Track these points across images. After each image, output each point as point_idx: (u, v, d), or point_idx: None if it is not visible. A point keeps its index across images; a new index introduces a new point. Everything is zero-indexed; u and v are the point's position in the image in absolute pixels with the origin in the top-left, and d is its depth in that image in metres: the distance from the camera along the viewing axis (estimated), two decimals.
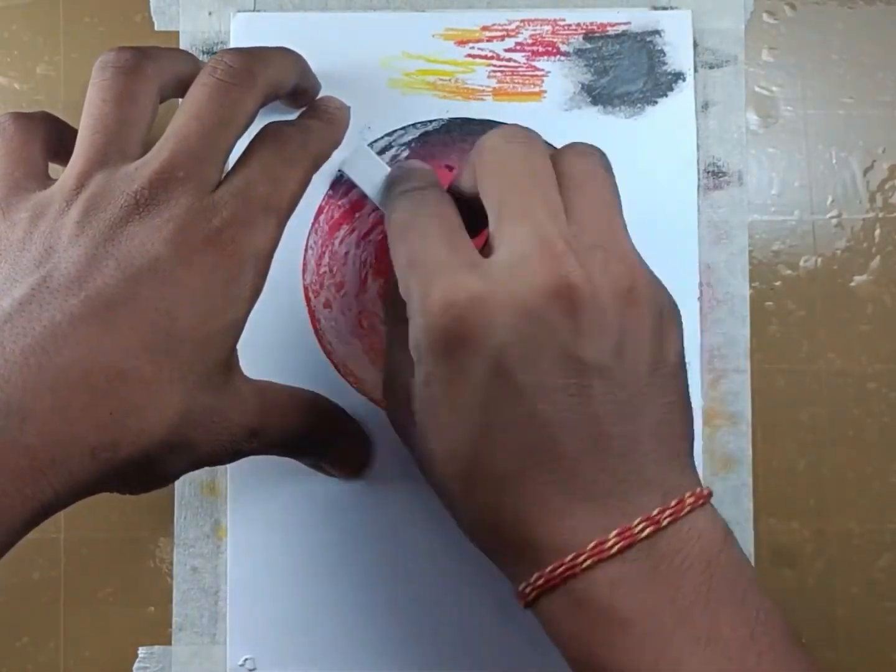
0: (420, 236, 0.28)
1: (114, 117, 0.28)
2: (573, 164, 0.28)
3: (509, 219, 0.27)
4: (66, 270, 0.25)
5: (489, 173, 0.28)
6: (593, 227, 0.27)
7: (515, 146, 0.28)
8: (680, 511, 0.25)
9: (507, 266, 0.26)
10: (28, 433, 0.23)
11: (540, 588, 0.26)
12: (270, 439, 0.29)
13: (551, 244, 0.26)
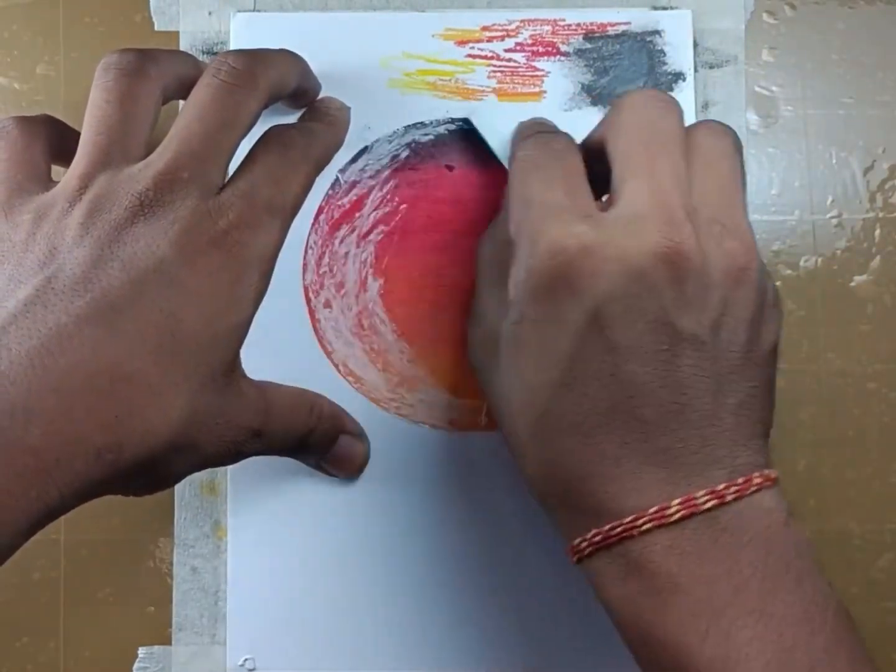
0: (541, 177, 0.28)
1: (117, 118, 0.28)
2: (706, 140, 0.28)
3: (633, 176, 0.27)
4: (71, 272, 0.25)
5: (621, 128, 0.28)
6: (716, 202, 0.27)
7: (653, 108, 0.28)
8: (746, 489, 0.25)
9: (623, 222, 0.26)
10: (33, 434, 0.23)
11: (596, 545, 0.26)
12: (273, 440, 0.29)
13: (670, 209, 0.26)
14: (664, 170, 0.27)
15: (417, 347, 0.35)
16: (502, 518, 0.34)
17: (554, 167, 0.28)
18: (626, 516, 0.25)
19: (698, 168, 0.27)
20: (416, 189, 0.35)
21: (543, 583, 0.34)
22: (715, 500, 0.25)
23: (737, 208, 0.27)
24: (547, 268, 0.26)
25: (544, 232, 0.26)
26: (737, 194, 0.28)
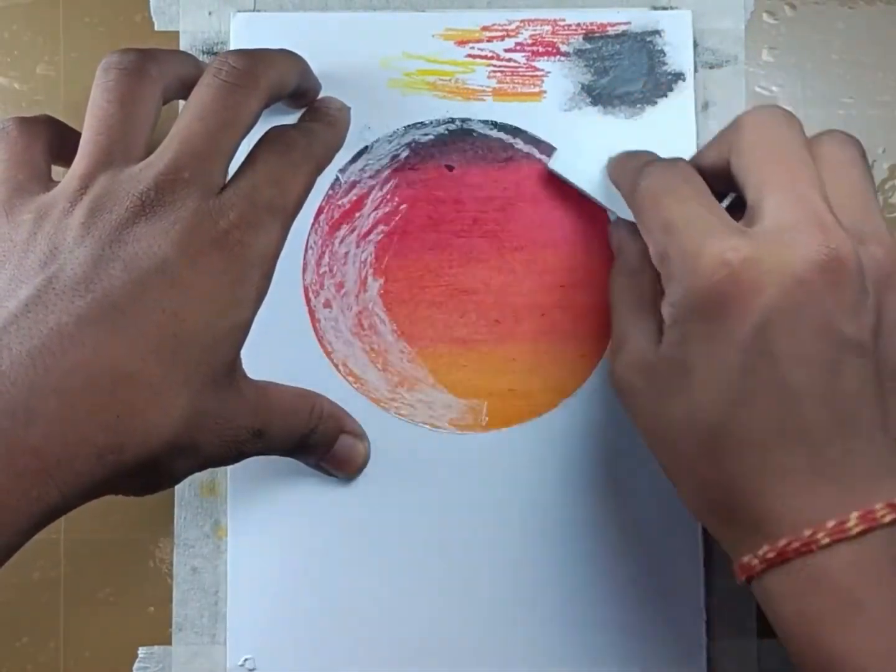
0: (678, 200, 0.27)
1: (118, 118, 0.28)
2: (834, 150, 0.28)
3: (773, 190, 0.27)
4: (73, 272, 0.25)
5: (750, 147, 0.28)
6: (853, 210, 0.27)
7: (778, 124, 0.28)
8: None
9: (776, 234, 0.26)
10: (34, 435, 0.23)
11: (769, 562, 0.25)
12: (274, 440, 0.29)
13: (820, 215, 0.26)
14: (804, 181, 0.26)
15: (417, 347, 0.35)
16: (502, 518, 0.34)
17: (685, 189, 0.28)
18: (803, 531, 0.25)
19: (829, 177, 0.27)
20: (416, 189, 0.35)
21: (544, 582, 0.34)
22: (894, 513, 0.24)
23: (874, 214, 0.27)
24: (710, 284, 0.25)
25: (701, 249, 0.26)
26: (871, 200, 0.28)
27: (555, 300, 0.35)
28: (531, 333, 0.35)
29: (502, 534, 0.34)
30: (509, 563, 0.34)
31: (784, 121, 0.28)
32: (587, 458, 0.34)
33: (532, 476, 0.34)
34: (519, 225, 0.35)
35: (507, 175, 0.35)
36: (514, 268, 0.35)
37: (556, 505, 0.34)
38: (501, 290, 0.35)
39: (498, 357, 0.35)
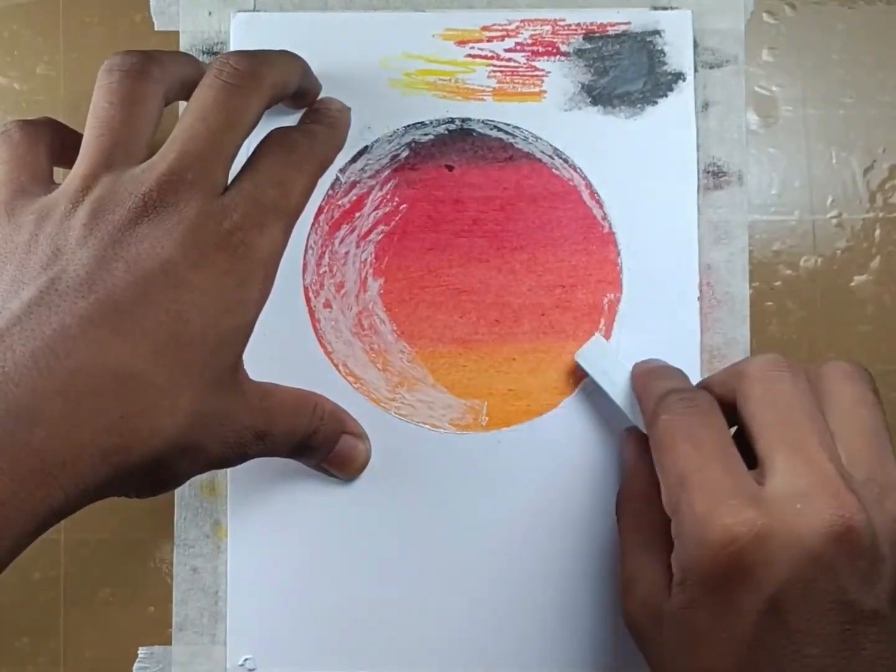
0: (696, 450, 0.27)
1: (120, 120, 0.28)
2: (841, 388, 0.28)
3: (784, 449, 0.26)
4: (75, 272, 0.25)
5: (758, 401, 0.27)
6: (865, 457, 0.27)
7: (782, 377, 0.28)
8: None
9: (786, 500, 0.25)
10: (38, 436, 0.23)
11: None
12: (276, 441, 0.29)
13: (830, 481, 0.25)
14: (812, 440, 0.26)
15: (417, 347, 0.35)
16: (502, 518, 0.34)
17: (704, 436, 0.27)
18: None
19: (840, 421, 0.27)
20: (416, 189, 0.35)
21: (543, 582, 0.34)
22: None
23: (888, 460, 0.27)
24: (719, 558, 0.25)
25: (711, 519, 0.25)
26: (884, 444, 0.27)
27: (555, 300, 0.35)
28: (531, 333, 0.35)
29: (502, 533, 0.34)
30: (509, 562, 0.34)
31: (788, 373, 0.28)
32: (587, 458, 0.34)
33: (532, 476, 0.34)
34: (519, 225, 0.35)
35: (507, 175, 0.35)
36: (514, 268, 0.35)
37: (556, 505, 0.34)
38: (501, 290, 0.35)
39: (498, 357, 0.35)
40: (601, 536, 0.34)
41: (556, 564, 0.34)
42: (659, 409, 0.29)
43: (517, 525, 0.34)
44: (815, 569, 0.25)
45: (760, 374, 0.28)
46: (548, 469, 0.34)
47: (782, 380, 0.28)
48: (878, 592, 0.25)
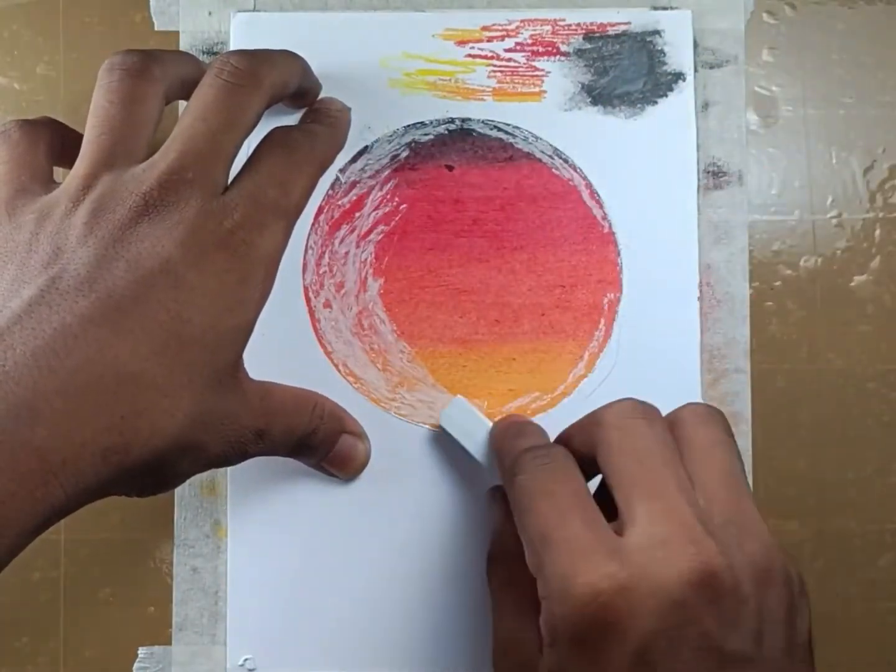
0: (554, 508, 0.27)
1: (121, 119, 0.28)
2: (696, 432, 0.28)
3: (641, 497, 0.26)
4: (76, 271, 0.25)
5: (613, 449, 0.27)
6: (723, 499, 0.27)
7: (638, 422, 0.28)
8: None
9: (647, 550, 0.25)
10: (39, 435, 0.23)
11: None
12: (276, 440, 0.29)
13: (689, 527, 0.25)
14: (669, 487, 0.26)
15: (417, 347, 0.35)
16: None
17: (562, 494, 0.27)
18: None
19: (696, 465, 0.27)
20: (416, 189, 0.35)
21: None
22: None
23: (744, 501, 0.27)
24: (584, 614, 0.25)
25: (573, 576, 0.25)
26: (741, 485, 0.27)
27: (555, 300, 0.35)
28: (531, 333, 0.35)
29: None
30: None
31: (643, 420, 0.28)
32: None
33: None
34: (519, 225, 0.35)
35: (507, 175, 0.35)
36: (514, 268, 0.35)
37: None
38: (501, 290, 0.35)
39: (498, 357, 0.35)
40: None
41: None
42: (515, 468, 0.29)
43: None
44: (678, 616, 0.24)
45: (616, 422, 0.28)
46: None
47: (637, 427, 0.27)
48: (742, 634, 0.25)
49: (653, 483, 0.26)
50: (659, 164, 0.35)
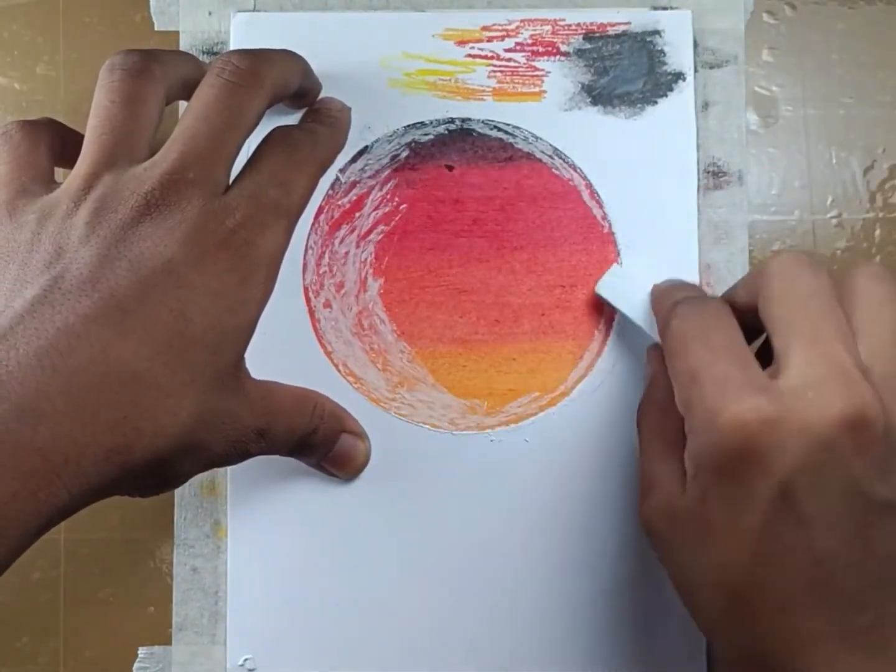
0: (706, 348, 0.27)
1: (122, 119, 0.28)
2: (867, 287, 0.27)
3: (800, 342, 0.26)
4: (78, 271, 0.25)
5: (775, 296, 0.27)
6: (886, 354, 0.26)
7: (802, 271, 0.27)
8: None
9: (800, 390, 0.25)
10: (42, 435, 0.23)
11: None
12: (277, 439, 0.29)
13: (846, 371, 0.25)
14: (829, 332, 0.26)
15: (417, 347, 0.35)
16: (502, 518, 0.34)
17: (715, 336, 0.27)
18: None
19: (863, 319, 0.27)
20: (416, 189, 0.35)
21: (544, 582, 0.34)
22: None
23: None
24: (729, 444, 0.25)
25: (722, 408, 0.25)
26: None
27: (555, 300, 0.35)
28: (531, 333, 0.35)
29: (502, 533, 0.34)
30: (509, 562, 0.34)
31: (809, 268, 0.27)
32: (587, 457, 0.34)
33: (531, 476, 0.34)
34: (519, 225, 0.35)
35: (507, 175, 0.35)
36: (514, 268, 0.35)
37: (556, 505, 0.34)
38: (501, 290, 0.35)
39: (498, 357, 0.35)
40: (602, 535, 0.34)
41: (556, 564, 0.34)
42: (670, 316, 0.29)
43: (517, 525, 0.34)
44: (826, 457, 0.24)
45: (780, 270, 0.27)
46: (548, 469, 0.34)
47: (801, 275, 0.27)
48: (892, 484, 0.25)
49: (811, 328, 0.26)
50: (659, 164, 0.35)
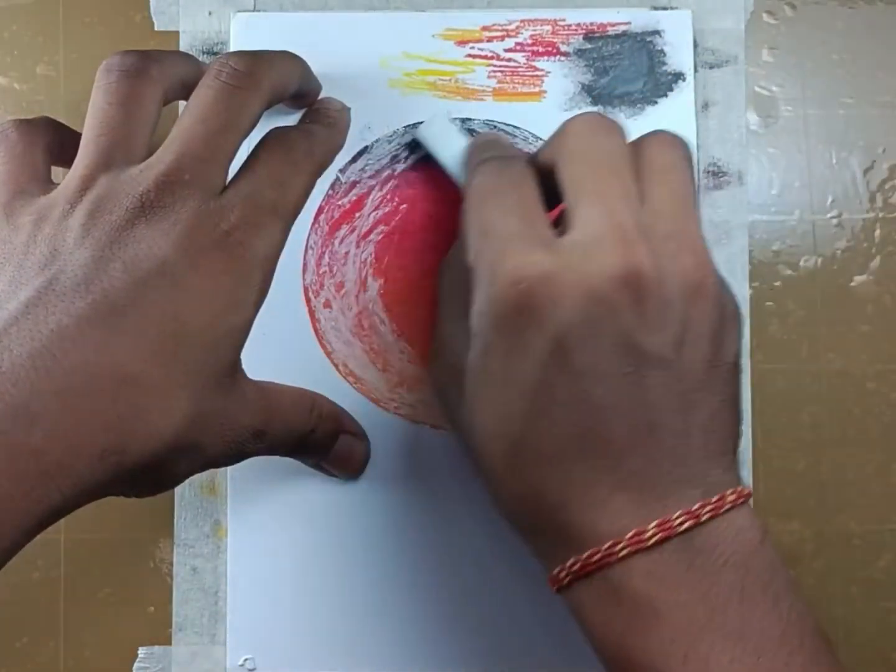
0: (498, 205, 0.27)
1: (119, 120, 0.28)
2: (656, 152, 0.28)
3: (585, 200, 0.27)
4: (73, 273, 0.25)
5: (568, 155, 0.28)
6: (669, 216, 0.27)
7: (597, 132, 0.28)
8: (720, 508, 0.25)
9: (580, 247, 0.26)
10: (36, 437, 0.23)
11: (575, 574, 0.26)
12: (275, 440, 0.29)
13: (625, 229, 0.26)
14: (614, 192, 0.26)
15: (417, 347, 0.35)
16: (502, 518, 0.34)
17: (510, 194, 0.28)
18: (604, 543, 0.25)
19: (650, 183, 0.27)
20: (416, 189, 0.35)
21: (544, 582, 0.34)
22: (691, 520, 0.25)
23: (690, 222, 0.27)
24: (507, 297, 0.26)
25: (503, 261, 0.26)
26: (689, 207, 0.27)
27: None
28: None
29: (503, 533, 0.34)
30: (510, 562, 0.34)
31: (603, 130, 0.28)
32: None
33: None
34: None
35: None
36: None
37: None
38: None
39: None
40: None
41: None
42: (474, 172, 0.29)
43: None
44: (599, 309, 0.25)
45: (574, 130, 0.28)
46: None
47: (596, 137, 0.28)
48: (663, 337, 0.25)
49: (599, 188, 0.27)
50: None
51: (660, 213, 0.27)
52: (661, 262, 0.26)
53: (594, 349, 0.25)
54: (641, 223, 0.26)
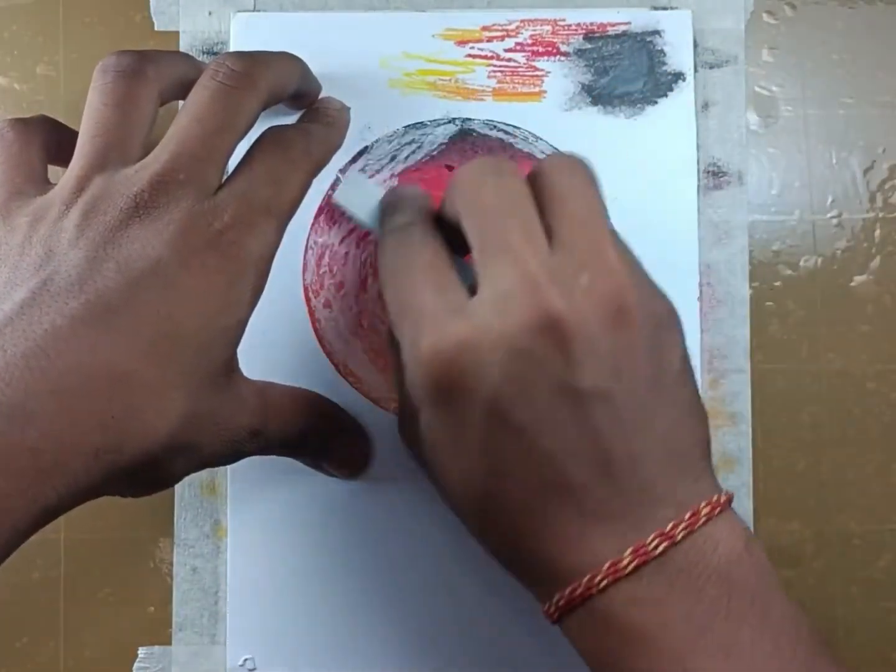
0: (406, 280, 0.27)
1: (115, 120, 0.28)
2: (554, 181, 0.27)
3: (489, 253, 0.26)
4: (67, 273, 0.25)
5: (465, 208, 0.27)
6: (577, 246, 0.26)
7: (488, 177, 0.27)
8: (695, 523, 0.25)
9: (491, 305, 0.25)
10: (31, 436, 0.23)
11: (562, 608, 0.26)
12: (272, 439, 0.29)
13: (532, 277, 0.25)
14: (515, 239, 0.26)
15: None
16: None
17: (416, 265, 0.27)
18: (583, 577, 0.25)
19: (552, 215, 0.26)
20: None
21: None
22: (666, 541, 0.25)
23: (601, 245, 0.26)
24: (432, 373, 0.25)
25: (420, 339, 0.26)
26: (598, 228, 0.26)
27: None
28: None
29: None
30: None
31: (494, 172, 0.27)
32: None
33: None
34: None
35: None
36: None
37: None
38: None
39: None
40: None
41: None
42: (381, 249, 0.29)
43: None
44: (523, 363, 0.25)
45: (462, 182, 0.27)
46: None
47: (486, 183, 0.27)
48: (597, 373, 0.25)
49: (500, 238, 0.26)
50: (659, 165, 0.35)
51: (568, 244, 0.26)
52: (576, 300, 0.25)
53: (529, 403, 0.25)
54: (549, 265, 0.25)
